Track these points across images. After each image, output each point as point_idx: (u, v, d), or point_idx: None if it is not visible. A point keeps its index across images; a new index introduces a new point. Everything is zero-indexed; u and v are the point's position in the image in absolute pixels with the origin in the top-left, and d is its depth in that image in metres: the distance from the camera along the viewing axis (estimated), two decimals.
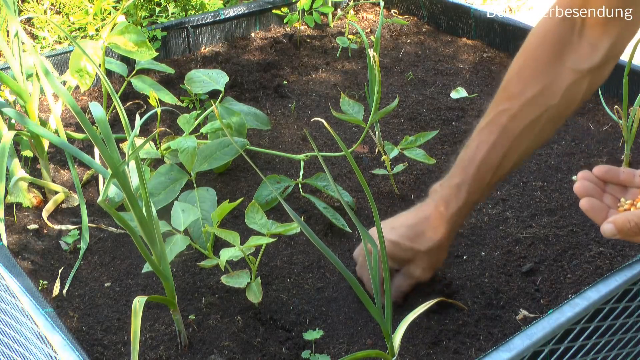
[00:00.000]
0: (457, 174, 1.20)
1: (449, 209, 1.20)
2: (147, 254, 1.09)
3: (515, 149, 1.16)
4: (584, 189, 0.96)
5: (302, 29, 2.49)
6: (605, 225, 0.90)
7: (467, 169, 1.18)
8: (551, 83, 1.12)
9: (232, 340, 1.24)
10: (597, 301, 1.08)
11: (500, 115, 1.16)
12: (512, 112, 1.14)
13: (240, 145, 1.61)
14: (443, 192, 1.21)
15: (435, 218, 1.21)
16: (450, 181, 1.21)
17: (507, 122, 1.15)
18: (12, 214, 1.58)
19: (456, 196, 1.20)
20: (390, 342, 1.03)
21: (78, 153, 1.07)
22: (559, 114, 1.15)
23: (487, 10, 2.37)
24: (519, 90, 1.14)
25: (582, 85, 1.12)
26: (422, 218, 1.22)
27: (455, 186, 1.20)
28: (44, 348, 1.04)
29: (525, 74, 1.14)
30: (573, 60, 1.11)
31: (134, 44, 1.74)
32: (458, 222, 1.23)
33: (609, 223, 0.90)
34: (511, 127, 1.15)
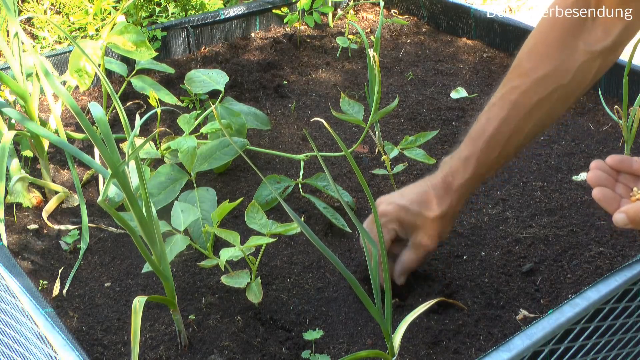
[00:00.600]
0: (466, 147, 1.22)
1: (457, 180, 1.22)
2: (147, 254, 1.09)
3: (525, 124, 1.17)
4: (596, 178, 0.97)
5: (302, 29, 2.49)
6: (617, 215, 0.91)
7: (476, 142, 1.20)
8: (563, 62, 1.12)
9: (232, 340, 1.24)
10: (597, 301, 1.08)
11: (511, 91, 1.17)
12: (523, 88, 1.15)
13: (240, 146, 1.61)
14: (452, 164, 1.23)
15: (443, 187, 1.22)
16: (460, 154, 1.23)
17: (518, 98, 1.16)
18: (12, 214, 1.58)
19: (464, 168, 1.21)
20: (390, 342, 1.03)
21: (78, 153, 1.07)
22: (569, 93, 1.16)
23: (487, 10, 2.37)
24: (530, 67, 1.15)
25: (593, 66, 1.13)
26: (430, 186, 1.24)
27: (464, 158, 1.21)
28: (44, 348, 1.04)
29: (538, 52, 1.15)
30: (586, 41, 1.11)
31: (133, 44, 1.74)
32: (465, 194, 1.24)
33: (621, 213, 0.91)
34: (522, 103, 1.16)
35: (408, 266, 1.28)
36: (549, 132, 1.85)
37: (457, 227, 1.50)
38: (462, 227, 1.50)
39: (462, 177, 1.22)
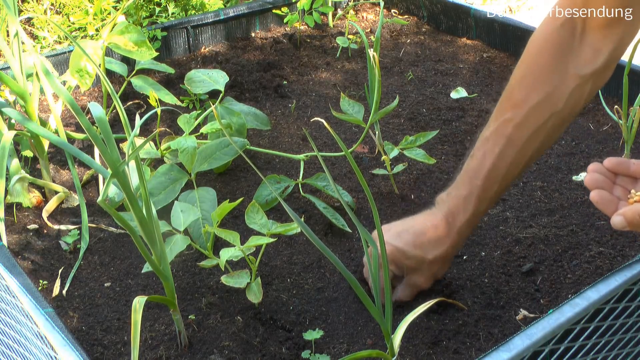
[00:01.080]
0: (464, 185, 1.20)
1: (457, 221, 1.20)
2: (147, 254, 1.09)
3: (522, 157, 1.16)
4: (594, 181, 0.96)
5: (302, 29, 2.49)
6: (615, 218, 0.90)
7: (473, 180, 1.18)
8: (555, 89, 1.11)
9: (232, 340, 1.24)
10: (597, 301, 1.08)
11: (505, 124, 1.15)
12: (517, 120, 1.14)
13: (240, 146, 1.61)
14: (451, 203, 1.21)
15: (444, 228, 1.20)
16: (458, 192, 1.21)
17: (513, 131, 1.14)
18: (12, 214, 1.58)
19: (464, 208, 1.19)
20: (390, 342, 1.03)
21: (78, 153, 1.07)
22: (563, 119, 1.14)
23: (487, 10, 2.37)
24: (522, 97, 1.14)
25: (585, 89, 1.12)
26: (429, 227, 1.22)
27: (463, 198, 1.19)
28: (44, 348, 1.04)
29: (528, 82, 1.14)
30: (575, 65, 1.10)
31: (134, 44, 1.74)
32: (466, 233, 1.23)
33: (618, 215, 0.90)
34: (517, 136, 1.14)
35: (401, 300, 1.29)
36: None
37: None
38: None
39: (463, 217, 1.19)
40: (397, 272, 1.26)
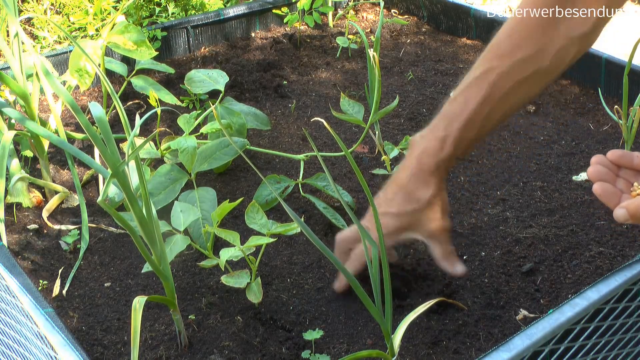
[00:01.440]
0: (441, 127, 1.20)
1: (432, 160, 1.20)
2: (147, 254, 1.09)
3: (502, 105, 1.17)
4: (597, 173, 0.96)
5: (302, 29, 2.49)
6: (617, 211, 0.90)
7: (452, 123, 1.19)
8: (543, 46, 1.13)
9: (232, 340, 1.24)
10: (597, 301, 1.08)
11: (489, 72, 1.16)
12: (502, 70, 1.15)
13: (240, 146, 1.61)
14: (426, 145, 1.21)
15: (421, 171, 1.20)
16: (434, 133, 1.21)
17: (496, 79, 1.15)
18: (12, 214, 1.58)
19: (441, 148, 1.19)
20: (390, 342, 1.03)
21: (78, 153, 1.07)
22: (547, 75, 1.16)
23: (487, 10, 2.37)
24: (509, 50, 1.15)
25: (571, 51, 1.13)
26: (409, 176, 1.21)
27: (441, 139, 1.20)
28: (44, 348, 1.04)
29: (517, 36, 1.15)
30: (567, 26, 1.11)
31: (133, 44, 1.74)
32: (443, 173, 1.22)
33: (621, 208, 0.90)
34: (500, 84, 1.15)
35: (446, 256, 1.23)
36: (549, 132, 1.85)
37: (457, 227, 1.50)
38: (462, 227, 1.50)
39: (438, 157, 1.19)
40: (414, 235, 1.23)
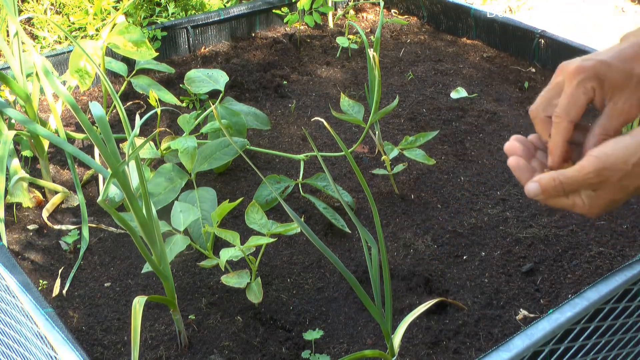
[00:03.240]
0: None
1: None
2: (147, 254, 1.09)
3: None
4: (513, 148, 0.96)
5: (302, 29, 2.49)
6: (529, 184, 0.90)
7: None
8: None
9: (232, 340, 1.24)
10: (597, 301, 1.08)
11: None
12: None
13: (240, 146, 1.61)
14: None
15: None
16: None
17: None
18: (12, 214, 1.58)
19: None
20: (390, 342, 1.03)
21: (78, 153, 1.07)
22: None
23: (487, 10, 2.37)
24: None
25: None
26: (633, 44, 0.99)
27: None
28: (44, 348, 1.04)
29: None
30: None
31: (134, 44, 1.74)
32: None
33: (534, 182, 0.89)
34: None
35: (603, 138, 0.98)
36: None
37: (457, 227, 1.50)
38: (462, 227, 1.50)
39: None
40: (599, 93, 1.01)
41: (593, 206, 0.88)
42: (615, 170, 0.86)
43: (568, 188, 0.87)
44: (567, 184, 0.87)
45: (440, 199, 1.60)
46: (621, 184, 0.87)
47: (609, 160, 0.87)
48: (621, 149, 0.88)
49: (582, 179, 0.86)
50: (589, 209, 0.89)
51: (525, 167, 0.94)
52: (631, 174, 0.87)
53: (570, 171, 0.88)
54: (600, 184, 0.86)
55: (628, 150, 0.87)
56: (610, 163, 0.87)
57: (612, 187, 0.87)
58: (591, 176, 0.86)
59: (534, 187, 0.89)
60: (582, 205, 0.88)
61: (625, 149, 0.88)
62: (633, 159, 0.86)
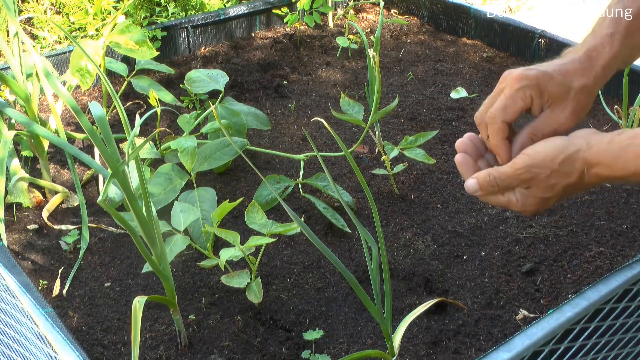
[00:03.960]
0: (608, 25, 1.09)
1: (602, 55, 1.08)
2: (147, 254, 1.09)
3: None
4: (463, 145, 0.97)
5: (302, 29, 2.49)
6: (468, 181, 0.91)
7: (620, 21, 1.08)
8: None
9: (232, 340, 1.24)
10: (597, 301, 1.08)
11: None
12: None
13: (240, 146, 1.61)
14: (595, 41, 1.09)
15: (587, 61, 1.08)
16: (601, 32, 1.09)
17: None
18: (12, 214, 1.58)
19: (610, 45, 1.08)
20: (390, 342, 1.03)
21: (78, 153, 1.07)
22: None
23: (487, 10, 2.37)
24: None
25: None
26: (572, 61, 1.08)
27: (608, 35, 1.08)
28: (44, 348, 1.04)
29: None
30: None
31: (135, 43, 1.74)
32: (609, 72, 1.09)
33: (472, 179, 0.91)
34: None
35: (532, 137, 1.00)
36: None
37: (457, 227, 1.50)
38: (462, 227, 1.50)
39: (607, 54, 1.07)
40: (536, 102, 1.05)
41: (526, 204, 0.90)
42: (543, 168, 0.88)
43: (502, 184, 0.89)
44: (501, 179, 0.89)
45: (440, 199, 1.60)
46: (549, 182, 0.88)
47: (538, 157, 0.89)
48: (550, 148, 0.90)
49: (513, 174, 0.89)
50: (522, 206, 0.90)
51: (469, 165, 0.96)
52: (558, 172, 0.88)
53: (503, 167, 0.90)
54: (531, 180, 0.88)
55: (557, 149, 0.89)
56: (539, 160, 0.89)
57: (541, 184, 0.89)
58: (521, 172, 0.88)
59: (472, 183, 0.91)
60: (516, 202, 0.90)
61: (554, 148, 0.90)
62: (560, 157, 0.88)
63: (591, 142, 0.89)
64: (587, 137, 0.91)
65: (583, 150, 0.88)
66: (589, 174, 0.89)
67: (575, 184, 0.88)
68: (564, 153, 0.89)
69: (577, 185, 0.89)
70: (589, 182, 0.89)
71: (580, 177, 0.89)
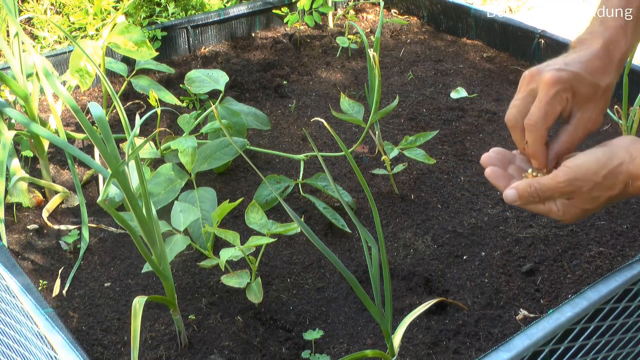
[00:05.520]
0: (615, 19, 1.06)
1: (619, 49, 1.06)
2: (147, 254, 1.09)
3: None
4: (489, 159, 0.97)
5: (302, 29, 2.49)
6: (507, 191, 0.91)
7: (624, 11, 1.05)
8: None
9: (232, 340, 1.24)
10: (597, 301, 1.08)
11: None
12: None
13: (240, 146, 1.61)
14: (608, 35, 1.06)
15: (607, 55, 1.05)
16: (614, 22, 1.07)
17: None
18: (12, 214, 1.58)
19: (624, 37, 1.05)
20: (390, 342, 1.03)
21: (78, 153, 1.07)
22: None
23: (487, 10, 2.37)
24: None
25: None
26: (592, 56, 1.05)
27: (621, 27, 1.06)
28: (44, 348, 1.04)
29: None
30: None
31: (134, 44, 1.74)
32: (621, 68, 1.07)
33: (511, 189, 0.91)
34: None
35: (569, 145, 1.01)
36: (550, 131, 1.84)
37: (457, 227, 1.50)
38: (462, 227, 1.50)
39: (623, 46, 1.05)
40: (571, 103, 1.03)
41: (567, 213, 0.90)
42: (586, 181, 0.88)
43: (543, 195, 0.90)
44: (542, 191, 0.89)
45: (440, 199, 1.60)
46: (592, 194, 0.89)
47: (580, 171, 0.89)
48: (592, 161, 0.90)
49: (555, 187, 0.89)
50: (563, 216, 0.91)
51: (502, 175, 0.96)
52: (601, 185, 0.89)
53: (545, 179, 0.90)
54: (573, 193, 0.89)
55: (599, 163, 0.90)
56: (582, 174, 0.89)
57: (584, 196, 0.89)
58: (563, 185, 0.88)
59: (511, 194, 0.91)
60: (556, 211, 0.90)
61: (596, 161, 0.90)
62: (603, 171, 0.88)
63: (634, 153, 0.89)
64: (629, 148, 0.89)
65: (626, 162, 0.88)
66: (633, 186, 0.89)
67: (618, 195, 0.89)
68: (607, 167, 0.89)
69: (620, 196, 0.90)
70: (632, 193, 0.90)
71: (624, 189, 0.89)
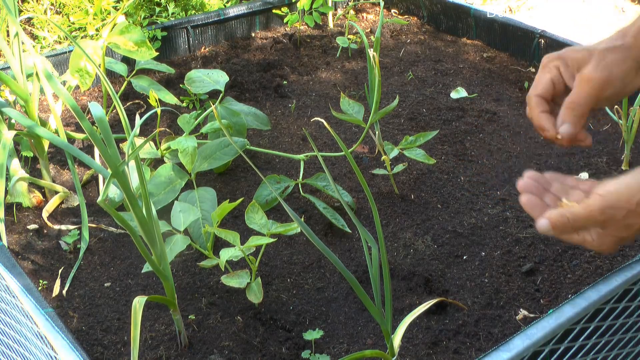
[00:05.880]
0: None
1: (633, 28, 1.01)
2: (147, 254, 1.09)
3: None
4: (525, 186, 0.97)
5: (302, 29, 2.49)
6: (540, 221, 0.90)
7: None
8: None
9: (232, 340, 1.24)
10: (597, 301, 1.08)
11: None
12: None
13: (240, 146, 1.61)
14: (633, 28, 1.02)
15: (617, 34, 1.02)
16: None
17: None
18: (12, 214, 1.58)
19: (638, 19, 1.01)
20: (390, 342, 1.03)
21: (78, 153, 1.07)
22: None
23: (487, 10, 2.37)
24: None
25: None
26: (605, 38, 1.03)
27: None
28: (44, 348, 1.04)
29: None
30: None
31: (134, 44, 1.74)
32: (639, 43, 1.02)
33: (544, 219, 0.90)
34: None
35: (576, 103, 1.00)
36: None
37: (457, 227, 1.50)
38: (462, 227, 1.50)
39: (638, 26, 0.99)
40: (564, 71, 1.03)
41: (602, 243, 0.88)
42: (619, 209, 0.86)
43: (576, 225, 0.87)
44: (575, 221, 0.87)
45: (440, 199, 1.60)
46: (626, 222, 0.87)
47: (612, 199, 0.87)
48: (624, 188, 0.88)
49: (587, 216, 0.87)
50: (599, 246, 0.89)
51: (537, 204, 0.94)
52: (635, 212, 0.87)
53: (577, 208, 0.88)
54: (605, 222, 0.86)
55: (631, 190, 0.88)
56: (614, 201, 0.87)
57: (618, 224, 0.87)
58: (596, 214, 0.86)
59: (544, 224, 0.89)
60: (591, 241, 0.88)
61: (627, 188, 0.88)
62: (636, 198, 0.86)
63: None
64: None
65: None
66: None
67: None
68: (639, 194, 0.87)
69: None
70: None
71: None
